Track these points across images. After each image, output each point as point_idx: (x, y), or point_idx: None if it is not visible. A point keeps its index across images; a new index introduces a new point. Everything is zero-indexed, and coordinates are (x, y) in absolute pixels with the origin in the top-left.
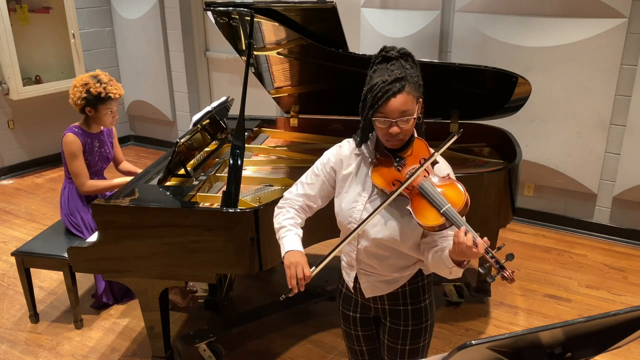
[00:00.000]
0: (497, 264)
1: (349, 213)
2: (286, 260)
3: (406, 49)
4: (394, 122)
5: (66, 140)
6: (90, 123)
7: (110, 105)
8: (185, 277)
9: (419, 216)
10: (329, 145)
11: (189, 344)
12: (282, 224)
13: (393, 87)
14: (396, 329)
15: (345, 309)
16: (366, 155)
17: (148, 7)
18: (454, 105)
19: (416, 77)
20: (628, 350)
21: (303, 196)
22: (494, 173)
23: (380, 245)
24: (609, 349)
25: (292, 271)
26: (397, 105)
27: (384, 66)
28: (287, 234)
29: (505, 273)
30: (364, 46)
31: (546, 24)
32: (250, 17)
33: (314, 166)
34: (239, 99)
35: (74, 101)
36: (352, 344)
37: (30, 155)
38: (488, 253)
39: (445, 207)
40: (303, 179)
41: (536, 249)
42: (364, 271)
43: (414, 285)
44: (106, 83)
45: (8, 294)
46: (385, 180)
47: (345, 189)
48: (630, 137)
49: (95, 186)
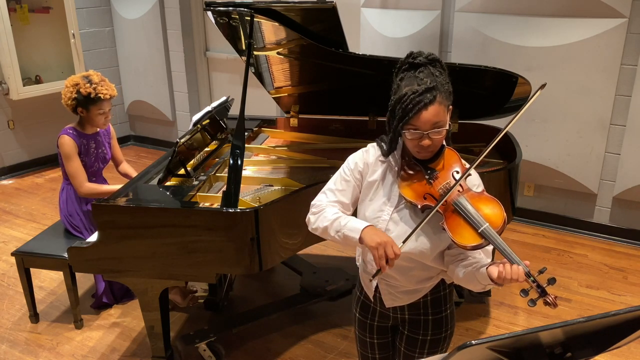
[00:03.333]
0: (538, 287)
1: (374, 223)
2: (370, 240)
3: (434, 54)
4: (426, 134)
5: (61, 142)
6: (84, 124)
7: (102, 106)
8: (185, 277)
9: (455, 234)
10: (329, 145)
11: (189, 344)
12: (332, 217)
13: (424, 99)
14: (415, 337)
15: (362, 316)
16: (392, 163)
17: (148, 7)
18: (454, 105)
19: (446, 84)
20: (628, 350)
21: (337, 203)
22: (494, 173)
23: (404, 258)
24: (609, 349)
25: (381, 251)
26: (429, 117)
27: (412, 74)
28: (348, 219)
29: (548, 299)
30: (364, 46)
31: (546, 24)
32: (250, 17)
33: (341, 172)
34: (239, 99)
35: (65, 101)
36: (365, 351)
37: (30, 155)
38: (530, 277)
39: (484, 226)
40: (332, 185)
41: (536, 249)
42: (385, 281)
43: (436, 295)
44: (97, 83)
45: (8, 294)
46: (416, 193)
47: (370, 196)
48: (630, 137)
49: (93, 189)
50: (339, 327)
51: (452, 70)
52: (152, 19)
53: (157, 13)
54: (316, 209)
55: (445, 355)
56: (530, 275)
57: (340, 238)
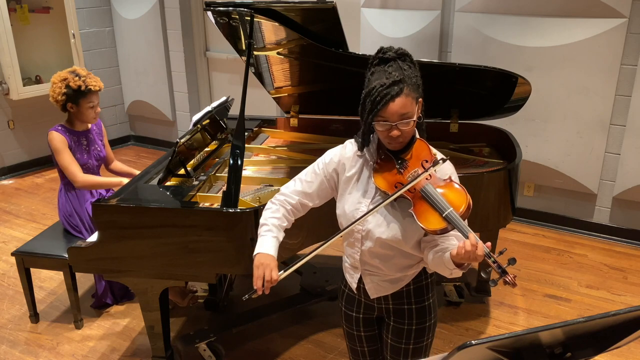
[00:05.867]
0: (499, 268)
1: (353, 215)
2: (256, 260)
3: (403, 49)
4: (394, 125)
5: (50, 138)
6: (73, 120)
7: (92, 99)
8: (185, 277)
9: (422, 219)
10: (329, 145)
11: (189, 344)
12: (266, 222)
13: (391, 91)
14: (400, 328)
15: (347, 309)
16: (368, 157)
17: (148, 7)
18: (454, 105)
19: (414, 77)
20: (628, 350)
21: (300, 193)
22: (493, 173)
23: (384, 245)
24: (609, 349)
25: (260, 272)
26: (397, 108)
27: (381, 68)
28: (267, 234)
29: (507, 278)
30: (364, 46)
31: (546, 24)
32: (250, 17)
33: (315, 164)
34: (239, 99)
35: (54, 98)
36: (353, 344)
37: (30, 155)
38: (490, 257)
39: (448, 211)
40: (302, 175)
41: (536, 249)
42: (368, 272)
43: (418, 284)
44: (85, 76)
45: (8, 294)
46: (387, 182)
47: (348, 190)
48: (630, 137)
49: (89, 180)
50: (339, 327)
51: (452, 70)
52: (152, 19)
53: (157, 13)
54: (275, 200)
55: (445, 355)
56: (490, 256)
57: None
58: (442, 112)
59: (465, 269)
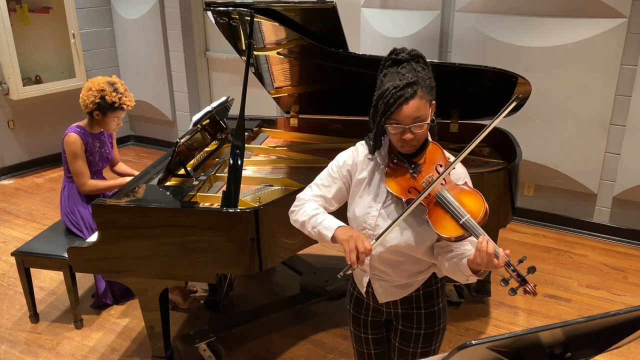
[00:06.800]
0: (518, 277)
1: (363, 219)
2: (342, 234)
3: (417, 51)
4: (407, 129)
5: (68, 140)
6: (94, 125)
7: (120, 114)
8: (185, 277)
9: (437, 226)
10: (329, 145)
11: (189, 344)
12: (311, 213)
13: (405, 93)
14: (409, 332)
15: (356, 312)
16: (379, 160)
17: (148, 7)
18: (454, 105)
19: (428, 79)
20: (628, 350)
21: (320, 197)
22: (494, 173)
23: (395, 252)
24: (609, 349)
25: (352, 244)
26: (410, 111)
27: (394, 70)
28: (325, 216)
29: (527, 287)
30: (364, 46)
31: (546, 24)
32: (250, 17)
33: (329, 168)
34: (239, 99)
35: (85, 103)
36: (360, 347)
37: (30, 155)
38: (509, 266)
39: (465, 218)
40: (318, 181)
41: (536, 249)
42: (377, 276)
43: (428, 289)
44: (122, 94)
45: (8, 294)
46: (400, 187)
47: (359, 194)
48: (630, 137)
49: (95, 186)
50: (339, 327)
51: (452, 70)
52: (152, 19)
53: (157, 13)
54: (299, 202)
55: (445, 355)
56: (510, 265)
57: (315, 234)
58: (442, 112)
59: (482, 276)
